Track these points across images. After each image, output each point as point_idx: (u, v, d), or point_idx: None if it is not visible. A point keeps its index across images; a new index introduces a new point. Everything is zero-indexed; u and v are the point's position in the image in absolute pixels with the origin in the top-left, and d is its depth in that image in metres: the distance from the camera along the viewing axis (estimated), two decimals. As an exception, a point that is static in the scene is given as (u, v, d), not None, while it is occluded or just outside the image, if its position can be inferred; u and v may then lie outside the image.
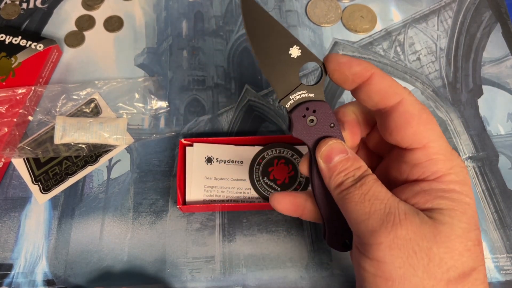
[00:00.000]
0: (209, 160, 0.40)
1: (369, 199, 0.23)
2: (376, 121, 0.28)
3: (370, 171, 0.26)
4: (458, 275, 0.22)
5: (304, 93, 0.26)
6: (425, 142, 0.24)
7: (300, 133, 0.27)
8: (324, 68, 0.26)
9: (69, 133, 0.42)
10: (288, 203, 0.30)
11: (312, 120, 0.26)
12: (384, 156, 0.29)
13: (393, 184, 0.27)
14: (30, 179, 0.42)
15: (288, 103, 0.26)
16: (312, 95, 0.26)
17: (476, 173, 0.42)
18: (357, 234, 0.24)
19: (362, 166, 0.25)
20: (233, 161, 0.40)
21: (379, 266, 0.23)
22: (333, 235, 0.29)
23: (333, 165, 0.26)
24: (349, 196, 0.24)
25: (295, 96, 0.26)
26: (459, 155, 0.42)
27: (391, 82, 0.25)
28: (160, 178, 0.42)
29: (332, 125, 0.27)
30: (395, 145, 0.26)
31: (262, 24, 0.25)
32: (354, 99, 0.28)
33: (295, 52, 0.26)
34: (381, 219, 0.23)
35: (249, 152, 0.40)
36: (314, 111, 0.26)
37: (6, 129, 0.42)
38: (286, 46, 0.26)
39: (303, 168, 0.29)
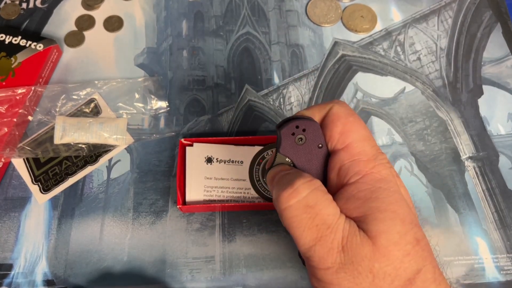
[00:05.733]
0: (209, 160, 0.40)
1: (317, 224, 0.23)
2: None
3: (316, 183, 0.25)
4: (404, 283, 0.22)
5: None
6: (348, 142, 0.25)
7: (287, 151, 0.26)
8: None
9: (69, 133, 0.42)
10: None
11: (300, 139, 0.26)
12: None
13: (334, 189, 0.26)
14: (30, 179, 0.42)
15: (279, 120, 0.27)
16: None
17: (476, 173, 0.42)
18: (306, 256, 0.24)
19: (298, 178, 0.25)
20: (233, 161, 0.40)
21: (329, 287, 0.23)
22: None
23: (275, 183, 0.26)
24: (295, 220, 0.24)
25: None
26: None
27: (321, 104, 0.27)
28: (160, 178, 0.42)
29: (320, 145, 0.26)
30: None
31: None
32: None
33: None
34: (328, 246, 0.23)
35: (249, 152, 0.40)
36: (304, 130, 0.26)
37: (6, 129, 0.42)
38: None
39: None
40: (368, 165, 0.25)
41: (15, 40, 0.47)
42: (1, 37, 0.47)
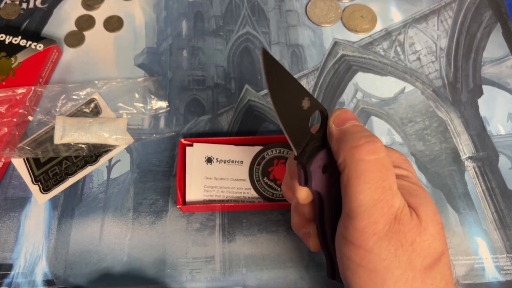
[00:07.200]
0: (209, 160, 0.40)
1: (384, 186, 0.23)
2: None
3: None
4: (431, 261, 0.23)
5: (316, 144, 0.26)
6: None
7: (318, 185, 0.26)
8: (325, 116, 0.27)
9: (69, 133, 0.42)
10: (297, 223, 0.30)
11: (325, 168, 0.26)
12: None
13: None
14: (30, 179, 0.42)
15: (304, 157, 0.26)
16: (319, 143, 0.27)
17: (476, 173, 0.42)
18: (353, 216, 0.23)
19: (377, 137, 0.24)
20: (233, 161, 0.40)
21: (365, 255, 0.23)
22: None
23: (347, 128, 0.25)
24: (368, 175, 0.23)
25: (309, 149, 0.26)
26: (464, 152, 0.42)
27: None
28: (160, 178, 0.42)
29: (324, 166, 0.26)
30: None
31: (280, 79, 0.25)
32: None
33: (306, 104, 0.26)
34: (385, 211, 0.22)
35: (249, 152, 0.40)
36: (326, 159, 0.26)
37: (6, 129, 0.42)
38: (299, 99, 0.26)
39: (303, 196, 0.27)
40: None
41: (15, 40, 0.47)
42: (1, 37, 0.47)
